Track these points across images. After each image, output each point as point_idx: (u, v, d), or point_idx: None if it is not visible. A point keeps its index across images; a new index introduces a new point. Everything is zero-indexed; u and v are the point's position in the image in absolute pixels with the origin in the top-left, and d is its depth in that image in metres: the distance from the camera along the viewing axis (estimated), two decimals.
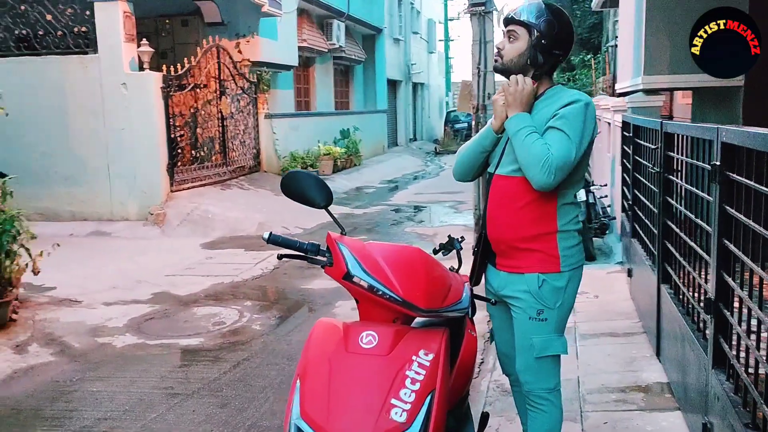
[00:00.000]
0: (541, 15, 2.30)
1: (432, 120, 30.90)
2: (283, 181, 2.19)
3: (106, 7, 9.14)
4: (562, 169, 2.18)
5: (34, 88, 9.34)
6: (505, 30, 2.40)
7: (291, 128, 14.30)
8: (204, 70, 10.74)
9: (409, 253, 2.02)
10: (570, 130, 2.20)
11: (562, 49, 2.36)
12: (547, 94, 2.36)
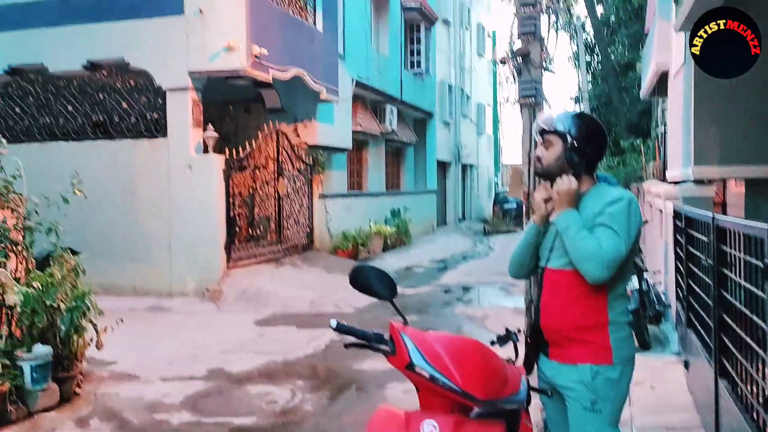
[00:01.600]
0: (572, 123, 2.50)
1: (481, 200, 31.11)
2: (351, 275, 2.35)
3: (178, 96, 9.81)
4: (614, 263, 2.29)
5: (107, 169, 9.97)
6: (542, 140, 2.57)
7: (343, 208, 14.69)
8: (264, 153, 11.28)
9: (469, 345, 2.13)
10: (618, 227, 2.33)
11: (595, 148, 2.52)
12: (591, 192, 2.50)
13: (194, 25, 9.60)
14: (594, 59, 23.55)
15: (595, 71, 23.56)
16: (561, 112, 2.57)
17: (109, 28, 9.95)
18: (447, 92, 24.29)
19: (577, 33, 21.45)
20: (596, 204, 2.42)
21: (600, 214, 2.37)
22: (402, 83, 18.79)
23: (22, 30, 10.32)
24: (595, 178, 2.56)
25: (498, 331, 2.72)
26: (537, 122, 2.60)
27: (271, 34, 10.25)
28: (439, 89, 23.15)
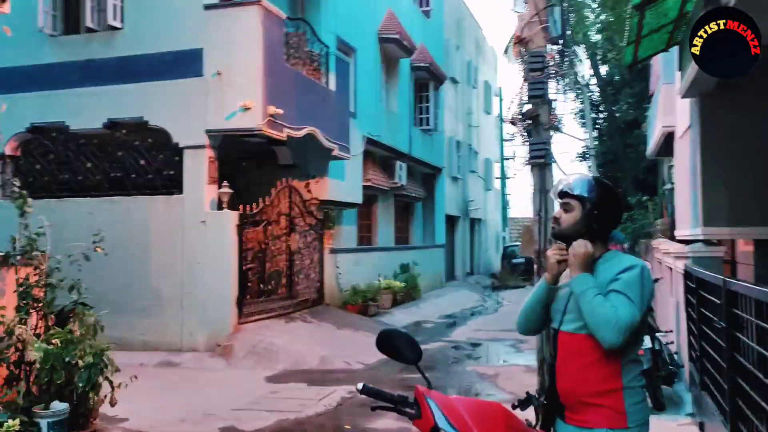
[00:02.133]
0: (592, 189, 2.59)
1: (489, 254, 31.16)
2: (379, 339, 2.44)
3: (194, 153, 10.07)
4: (628, 329, 2.36)
5: (122, 224, 10.14)
6: (561, 201, 2.68)
7: (353, 262, 14.77)
8: (276, 208, 11.46)
9: (491, 409, 2.20)
10: (632, 294, 2.40)
11: (612, 217, 2.63)
12: (604, 257, 2.58)
13: (212, 86, 9.93)
14: (600, 117, 23.96)
15: (601, 128, 23.94)
16: (583, 177, 2.65)
17: (129, 89, 10.30)
18: (455, 148, 24.67)
19: (582, 92, 21.90)
20: (609, 271, 2.49)
21: (613, 281, 2.45)
22: (411, 139, 19.15)
23: (45, 91, 10.69)
24: (607, 246, 2.66)
25: (509, 389, 2.78)
26: (558, 184, 2.68)
27: (286, 94, 10.57)
28: (448, 145, 23.53)
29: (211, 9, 10.06)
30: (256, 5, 9.91)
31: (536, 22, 7.38)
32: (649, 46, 6.57)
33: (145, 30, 10.28)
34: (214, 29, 9.97)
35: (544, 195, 7.27)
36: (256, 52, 9.81)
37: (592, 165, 20.35)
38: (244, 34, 9.87)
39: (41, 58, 10.75)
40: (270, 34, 10.06)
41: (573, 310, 2.52)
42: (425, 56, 19.48)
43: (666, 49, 7.06)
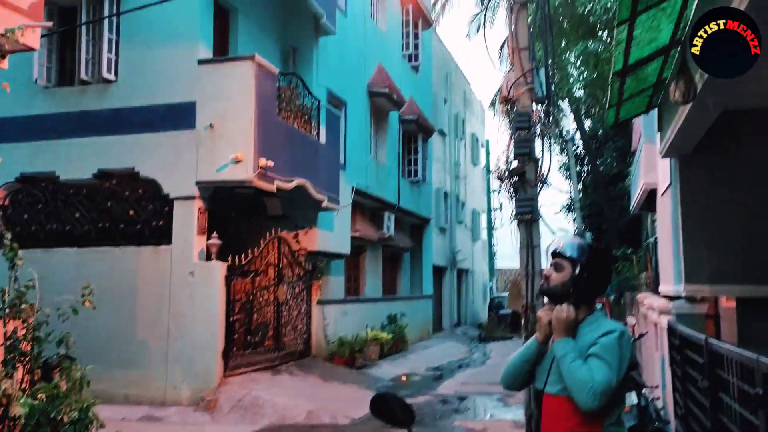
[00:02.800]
0: (584, 253, 2.69)
1: (476, 305, 31.13)
2: (372, 404, 2.49)
3: (184, 205, 10.14)
4: (605, 393, 2.43)
5: (109, 275, 10.10)
6: (553, 261, 2.78)
7: (341, 313, 14.73)
8: (265, 259, 11.49)
9: None
10: (609, 358, 2.48)
11: (600, 283, 2.72)
12: (588, 320, 2.66)
13: (204, 138, 10.08)
14: (584, 170, 24.39)
15: (586, 181, 24.34)
16: (578, 240, 2.75)
17: (121, 140, 10.42)
18: (443, 199, 24.93)
19: (567, 145, 22.37)
20: (591, 334, 2.58)
21: (593, 344, 2.53)
22: (399, 191, 19.35)
23: (37, 141, 10.78)
24: (592, 308, 2.75)
25: None
26: (553, 242, 2.77)
27: (277, 146, 10.73)
28: (435, 196, 23.79)
29: (205, 64, 10.29)
30: (249, 60, 10.16)
31: (522, 83, 7.65)
32: (630, 108, 6.81)
33: (138, 83, 10.47)
34: (208, 83, 10.18)
35: (532, 250, 7.39)
36: (248, 105, 10.00)
37: (577, 217, 20.62)
38: (238, 88, 10.09)
39: (34, 109, 10.87)
40: (263, 88, 10.29)
41: (556, 372, 2.59)
42: (414, 109, 19.88)
43: (646, 112, 7.31)
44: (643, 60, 5.42)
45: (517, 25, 7.66)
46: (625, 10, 4.30)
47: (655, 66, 5.70)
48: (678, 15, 4.76)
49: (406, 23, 20.26)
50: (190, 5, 10.10)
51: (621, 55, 5.07)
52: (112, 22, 10.50)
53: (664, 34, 5.04)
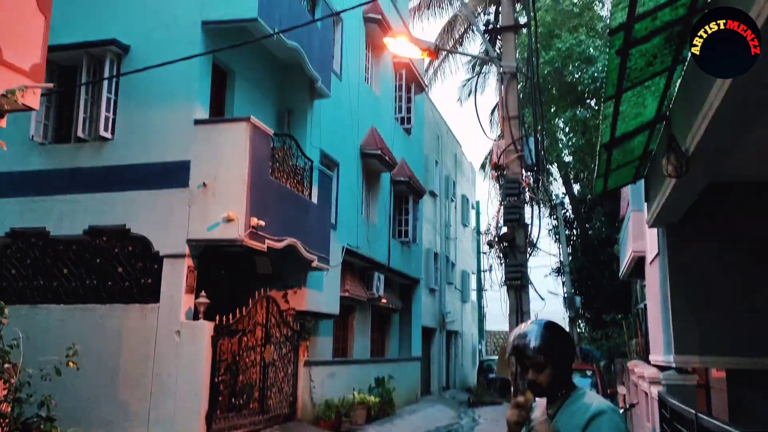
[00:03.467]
0: (554, 344, 2.58)
1: (465, 368, 30.74)
2: None
3: (174, 263, 10.10)
4: None
5: (94, 333, 9.96)
6: (530, 363, 2.60)
7: (328, 375, 14.49)
8: (253, 319, 11.37)
9: None
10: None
11: (570, 356, 2.69)
12: (572, 398, 2.58)
13: (197, 196, 10.14)
14: (574, 233, 24.59)
15: (575, 245, 24.50)
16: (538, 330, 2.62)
17: (114, 197, 10.46)
18: (433, 260, 24.95)
19: (556, 209, 22.62)
20: (579, 415, 2.49)
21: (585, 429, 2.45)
22: (390, 251, 19.37)
23: (29, 197, 10.80)
24: (571, 381, 2.70)
25: None
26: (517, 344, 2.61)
27: (269, 206, 10.80)
28: (426, 257, 23.81)
29: (202, 124, 10.45)
30: (245, 122, 10.34)
31: (512, 150, 7.81)
32: (617, 178, 6.95)
33: (134, 141, 10.58)
34: (203, 142, 10.32)
35: (521, 316, 7.39)
36: (242, 165, 10.12)
37: (567, 281, 20.65)
38: (232, 149, 10.22)
39: (29, 165, 10.93)
40: (257, 148, 10.43)
41: None
42: (405, 171, 20.13)
43: (633, 182, 7.46)
44: (629, 133, 5.58)
45: (507, 95, 7.88)
46: (611, 87, 4.46)
47: (642, 139, 5.86)
48: (662, 92, 4.94)
49: (399, 87, 20.75)
50: (189, 68, 10.31)
51: (608, 128, 5.23)
52: (112, 82, 10.69)
53: (649, 110, 5.21)
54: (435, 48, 8.03)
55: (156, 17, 10.89)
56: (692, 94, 4.45)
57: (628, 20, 3.95)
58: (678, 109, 4.97)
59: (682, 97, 4.80)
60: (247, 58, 12.16)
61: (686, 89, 4.69)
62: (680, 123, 4.90)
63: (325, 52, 13.69)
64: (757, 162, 5.51)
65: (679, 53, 4.61)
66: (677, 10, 4.18)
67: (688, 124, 4.55)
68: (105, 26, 10.93)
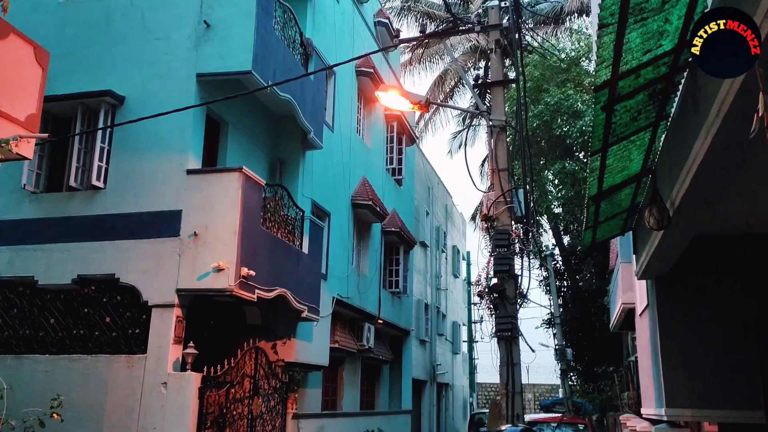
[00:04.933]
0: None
1: (456, 421, 30.20)
2: None
3: (162, 313, 10.01)
4: None
5: (79, 384, 9.77)
6: None
7: (317, 428, 14.21)
8: (241, 371, 11.20)
9: None
10: None
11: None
12: None
13: (187, 246, 10.13)
14: (564, 285, 24.60)
15: (566, 296, 24.48)
16: None
17: (103, 246, 10.41)
18: (423, 311, 24.83)
19: (546, 261, 22.69)
20: None
21: None
22: (380, 302, 19.28)
23: (17, 245, 10.74)
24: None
25: None
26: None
27: (259, 256, 10.79)
28: (416, 308, 23.70)
29: (194, 174, 10.53)
30: (237, 172, 10.42)
31: (502, 202, 7.91)
32: (606, 230, 7.04)
33: (126, 190, 10.61)
34: (195, 192, 10.36)
35: (512, 368, 7.35)
36: (234, 215, 10.15)
37: (558, 332, 20.56)
38: (224, 198, 10.27)
39: (19, 213, 10.90)
40: (249, 199, 10.49)
41: None
42: (396, 221, 20.24)
43: (622, 234, 7.55)
44: (616, 186, 5.68)
45: (497, 148, 8.03)
46: (598, 141, 4.57)
47: (629, 191, 5.97)
48: (647, 147, 5.06)
49: (391, 139, 21.06)
50: (183, 118, 10.45)
51: (595, 181, 5.33)
52: (106, 132, 10.79)
53: (635, 164, 5.33)
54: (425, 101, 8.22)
55: (151, 69, 11.08)
56: (676, 148, 4.56)
57: (612, 78, 4.08)
58: (663, 163, 5.09)
59: (666, 152, 4.93)
60: (241, 110, 12.34)
61: (670, 144, 4.81)
62: (665, 176, 5.01)
63: (317, 104, 13.93)
64: (741, 215, 5.61)
65: (663, 109, 4.76)
66: (659, 68, 4.33)
67: (673, 177, 4.65)
68: (101, 77, 11.10)
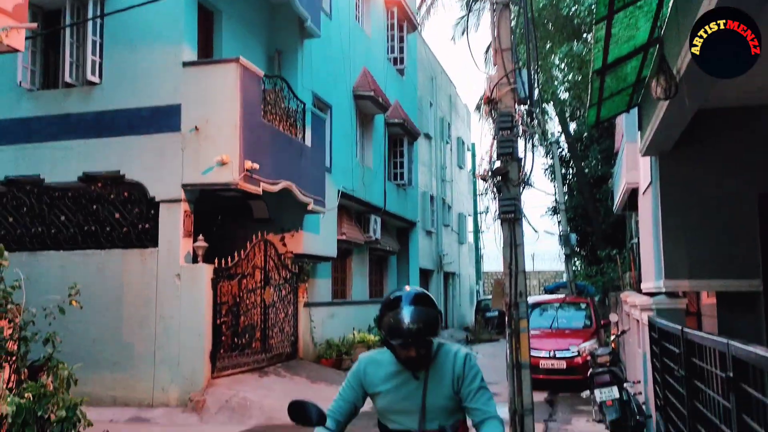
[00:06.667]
0: (437, 317, 2.76)
1: (463, 308, 31.23)
2: (290, 409, 2.71)
3: (170, 208, 10.14)
4: None
5: (95, 278, 10.07)
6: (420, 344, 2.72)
7: (327, 316, 14.76)
8: (251, 262, 11.50)
9: None
10: (484, 381, 2.78)
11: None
12: (440, 352, 2.81)
13: (189, 140, 10.10)
14: (569, 172, 24.59)
15: (571, 183, 24.54)
16: (420, 314, 2.70)
17: (106, 143, 10.41)
18: (429, 202, 25.04)
19: (552, 148, 22.56)
20: (448, 363, 2.77)
21: (465, 377, 2.74)
22: (386, 194, 19.43)
23: (21, 144, 10.75)
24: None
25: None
26: (417, 336, 2.68)
27: (262, 149, 10.77)
28: (422, 200, 23.88)
29: (190, 66, 10.31)
30: (234, 63, 10.20)
31: (505, 83, 7.73)
32: (611, 107, 6.93)
33: (123, 85, 10.46)
34: (193, 85, 10.20)
35: (515, 249, 7.47)
36: (233, 108, 10.03)
37: (563, 219, 20.77)
38: (223, 91, 10.12)
39: (18, 111, 10.84)
40: (248, 90, 10.32)
41: (434, 410, 2.74)
42: (399, 113, 19.98)
43: (627, 110, 7.44)
44: (622, 58, 5.54)
45: (500, 26, 7.74)
46: (603, 7, 4.41)
47: (635, 64, 5.82)
48: (655, 13, 4.88)
49: (392, 26, 20.38)
50: (173, 6, 10.12)
51: (600, 53, 5.19)
52: (96, 25, 10.49)
53: (642, 33, 5.16)
54: None
55: None
56: (683, 12, 4.40)
57: None
58: (670, 30, 4.93)
59: (674, 17, 4.75)
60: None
61: (678, 8, 4.64)
62: (672, 44, 4.86)
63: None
64: (743, 86, 5.49)
65: None
66: None
67: (679, 44, 4.51)
68: None
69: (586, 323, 13.55)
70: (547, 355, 12.08)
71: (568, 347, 11.88)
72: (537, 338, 11.52)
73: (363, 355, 2.96)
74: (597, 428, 8.06)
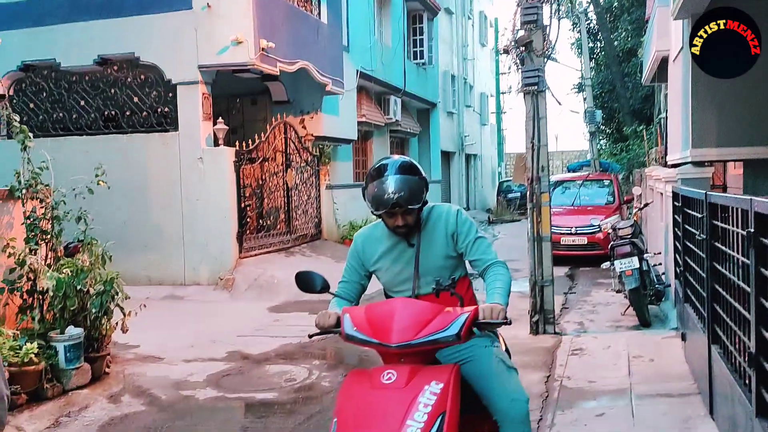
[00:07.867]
0: (422, 185, 2.70)
1: (485, 190, 31.32)
2: (297, 279, 2.86)
3: (188, 90, 10.04)
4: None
5: (119, 163, 10.13)
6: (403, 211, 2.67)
7: (350, 198, 14.92)
8: (272, 145, 11.52)
9: (388, 305, 2.50)
10: (479, 232, 2.80)
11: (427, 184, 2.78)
12: (432, 213, 2.81)
13: (202, 19, 9.82)
14: (597, 46, 23.67)
15: (598, 58, 23.69)
16: (404, 182, 2.63)
17: (119, 24, 10.16)
18: (450, 82, 24.46)
19: (579, 20, 21.57)
20: (440, 223, 2.78)
21: (459, 233, 2.76)
22: (405, 74, 18.98)
23: (34, 27, 10.54)
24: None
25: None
26: (396, 205, 2.62)
27: (277, 27, 10.45)
28: (442, 79, 23.33)
29: None
30: None
31: None
32: None
33: None
34: None
35: (537, 122, 7.35)
36: None
37: (588, 96, 20.23)
38: None
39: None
40: None
41: (427, 274, 2.74)
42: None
43: None
44: None
45: None
46: None
47: None
48: None
49: None
50: None
51: None
52: None
53: None
54: None
55: None
56: None
57: None
58: None
59: None
60: None
61: None
62: None
63: None
64: None
65: None
66: None
67: None
68: None
69: (608, 200, 13.54)
70: (568, 231, 12.20)
71: (589, 223, 11.95)
72: (559, 215, 11.58)
73: (358, 233, 2.99)
74: (616, 298, 8.27)
